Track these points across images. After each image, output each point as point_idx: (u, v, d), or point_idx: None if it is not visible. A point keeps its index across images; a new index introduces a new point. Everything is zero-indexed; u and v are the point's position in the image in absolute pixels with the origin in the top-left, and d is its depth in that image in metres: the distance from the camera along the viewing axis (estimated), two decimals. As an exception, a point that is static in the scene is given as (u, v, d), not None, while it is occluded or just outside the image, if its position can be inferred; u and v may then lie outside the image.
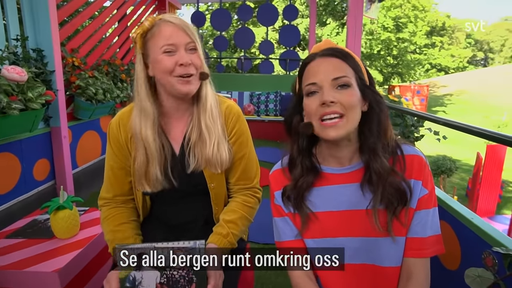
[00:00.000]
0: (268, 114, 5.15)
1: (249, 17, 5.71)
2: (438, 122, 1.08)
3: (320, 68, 0.67)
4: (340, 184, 0.72)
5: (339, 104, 0.64)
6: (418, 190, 0.67)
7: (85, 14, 2.91)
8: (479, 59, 39.34)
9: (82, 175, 2.75)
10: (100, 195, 0.96)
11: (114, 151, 0.91)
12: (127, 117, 0.90)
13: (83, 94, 2.51)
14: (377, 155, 0.67)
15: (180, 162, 0.90)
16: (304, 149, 0.74)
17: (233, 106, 0.94)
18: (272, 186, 0.79)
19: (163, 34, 0.80)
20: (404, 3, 18.88)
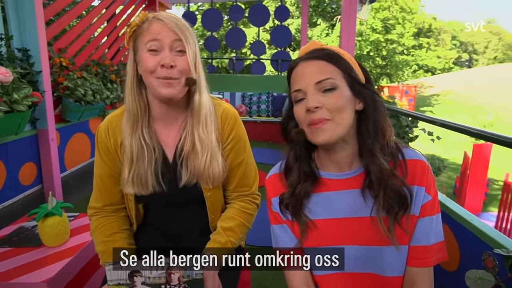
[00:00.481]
0: (260, 115, 5.14)
1: (240, 17, 5.68)
2: (435, 123, 1.08)
3: (304, 73, 0.64)
4: (340, 190, 0.69)
5: (324, 109, 0.62)
6: (421, 196, 0.65)
7: (73, 13, 2.83)
8: (464, 60, 40.33)
9: (71, 178, 2.68)
10: (90, 205, 0.92)
11: (103, 158, 0.86)
12: (116, 120, 0.86)
13: (72, 95, 2.44)
14: (375, 156, 0.64)
15: (173, 171, 0.86)
16: (302, 155, 0.71)
17: (229, 109, 0.90)
18: (269, 192, 0.76)
19: (150, 30, 0.76)
20: (392, 5, 19.18)
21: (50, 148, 2.26)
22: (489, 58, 40.15)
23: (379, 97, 0.66)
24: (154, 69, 0.75)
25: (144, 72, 0.77)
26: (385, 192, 0.63)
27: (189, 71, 0.77)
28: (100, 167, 0.87)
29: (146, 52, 0.76)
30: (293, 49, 17.14)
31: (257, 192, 0.96)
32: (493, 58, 39.90)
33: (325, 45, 0.69)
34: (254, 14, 5.50)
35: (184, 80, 0.77)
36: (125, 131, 0.82)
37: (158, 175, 0.84)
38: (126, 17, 3.88)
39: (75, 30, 2.86)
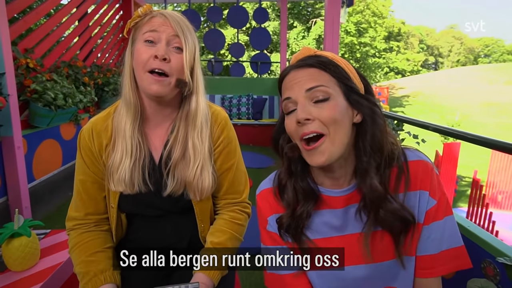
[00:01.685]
0: (241, 118, 5.08)
1: (218, 18, 5.60)
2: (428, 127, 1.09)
3: (294, 81, 0.58)
4: (340, 208, 0.64)
5: (317, 121, 0.55)
6: (425, 201, 0.60)
7: (40, 11, 2.63)
8: (430, 63, 42.58)
9: (40, 189, 2.48)
10: (68, 215, 0.84)
11: (86, 163, 0.81)
12: (101, 123, 0.81)
13: (40, 99, 2.26)
14: (368, 176, 0.58)
15: (159, 174, 0.81)
16: (298, 171, 0.65)
17: (220, 111, 0.86)
18: (263, 209, 0.69)
19: (150, 22, 0.74)
20: (365, 10, 19.87)
21: (16, 156, 2.07)
22: (452, 61, 42.66)
23: (379, 108, 0.61)
24: (147, 61, 0.72)
25: (136, 65, 0.74)
26: (379, 215, 0.59)
27: (183, 72, 0.74)
28: (82, 173, 0.81)
29: (142, 43, 0.73)
30: (269, 51, 17.24)
31: (248, 201, 0.92)
32: (456, 61, 42.46)
33: (319, 52, 0.62)
34: (233, 16, 5.44)
35: (174, 80, 0.73)
36: (124, 124, 0.77)
37: (145, 175, 0.79)
38: (99, 17, 3.68)
39: (43, 29, 2.66)
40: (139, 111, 0.78)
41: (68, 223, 0.84)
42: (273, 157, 4.23)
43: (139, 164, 0.79)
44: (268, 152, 4.52)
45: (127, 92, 0.77)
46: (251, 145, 4.77)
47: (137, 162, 0.78)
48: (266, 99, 5.21)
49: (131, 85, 0.76)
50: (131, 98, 0.77)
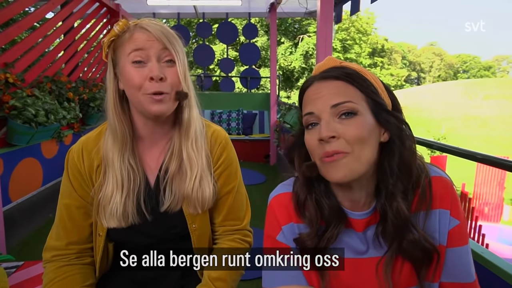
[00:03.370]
0: (231, 133, 5.02)
1: (208, 34, 5.62)
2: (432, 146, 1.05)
3: (318, 94, 0.54)
4: (360, 232, 0.58)
5: (342, 140, 0.50)
6: (446, 221, 0.54)
7: (22, 24, 2.53)
8: (413, 78, 44.11)
9: (17, 212, 2.30)
10: (47, 245, 0.74)
11: (73, 185, 0.73)
12: (93, 142, 0.74)
13: (20, 115, 2.13)
14: (395, 200, 0.53)
15: (155, 197, 0.74)
16: (322, 188, 0.58)
17: (220, 131, 0.81)
18: (279, 215, 0.60)
19: (133, 40, 0.66)
20: (349, 27, 20.55)
21: (-9, 178, 1.92)
22: (434, 76, 44.35)
23: (408, 127, 0.56)
24: (141, 84, 0.65)
25: (129, 88, 0.67)
26: (401, 244, 0.53)
27: (180, 84, 0.69)
28: (68, 196, 0.74)
29: (129, 64, 0.66)
30: (258, 66, 17.45)
31: (249, 228, 0.84)
32: (438, 76, 44.16)
33: (345, 63, 0.57)
34: (223, 32, 5.46)
35: (174, 94, 0.68)
36: (112, 155, 0.70)
37: (140, 204, 0.72)
38: (86, 31, 3.60)
39: (26, 43, 2.55)
40: (128, 138, 0.71)
41: (45, 253, 0.74)
42: (264, 173, 4.15)
43: (133, 194, 0.71)
44: (260, 168, 4.44)
45: (112, 119, 0.70)
46: (241, 160, 4.69)
47: (130, 193, 0.71)
48: (256, 114, 5.18)
49: (115, 111, 0.70)
50: (116, 126, 0.70)
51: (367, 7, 22.44)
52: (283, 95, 18.96)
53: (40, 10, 2.78)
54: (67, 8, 3.14)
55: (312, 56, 18.06)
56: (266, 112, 5.20)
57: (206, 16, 5.39)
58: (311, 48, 17.92)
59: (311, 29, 18.22)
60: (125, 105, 0.72)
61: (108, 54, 0.69)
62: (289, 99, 18.94)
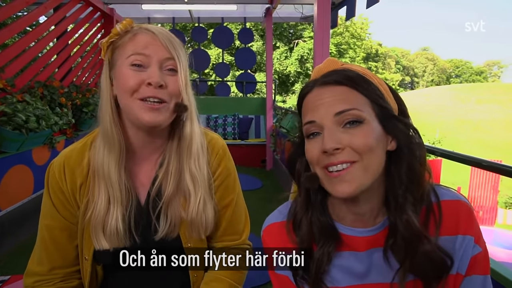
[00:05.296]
0: (227, 138, 4.98)
1: (203, 38, 5.60)
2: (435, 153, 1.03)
3: (320, 101, 0.49)
4: (364, 251, 0.54)
5: (348, 149, 0.47)
6: (470, 248, 0.50)
7: (13, 28, 2.48)
8: (407, 82, 44.61)
9: (7, 220, 2.23)
10: (28, 270, 0.68)
11: (55, 205, 0.66)
12: (76, 157, 0.66)
13: (10, 122, 2.07)
14: (405, 212, 0.49)
15: (146, 218, 0.68)
16: (316, 203, 0.54)
17: (217, 139, 0.75)
18: (270, 246, 0.57)
19: (136, 42, 0.61)
20: (344, 32, 20.75)
21: (-21, 186, 1.86)
22: (427, 81, 44.91)
23: (417, 133, 0.52)
24: (137, 88, 0.59)
25: (123, 93, 0.60)
26: (414, 259, 0.49)
27: (180, 95, 0.63)
28: (50, 217, 0.67)
29: (127, 66, 0.60)
30: (253, 71, 17.48)
31: (248, 242, 0.79)
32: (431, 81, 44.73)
33: (347, 65, 0.53)
34: (218, 36, 5.45)
35: (173, 105, 0.62)
36: (108, 167, 0.63)
37: (131, 224, 0.66)
38: (79, 36, 3.56)
39: (16, 48, 2.49)
40: (124, 148, 0.65)
41: (27, 279, 0.68)
42: (260, 178, 4.11)
43: (126, 212, 0.66)
44: (256, 173, 4.40)
45: (108, 126, 0.63)
46: (237, 165, 4.65)
47: (125, 212, 0.65)
48: (252, 118, 5.16)
49: (113, 118, 0.63)
50: (113, 134, 0.63)
51: (361, 13, 22.74)
52: (279, 100, 19.00)
53: (32, 14, 2.73)
54: (60, 12, 3.09)
55: (307, 61, 18.15)
56: (262, 116, 5.17)
57: (202, 21, 5.37)
58: (306, 52, 18.02)
59: (306, 34, 18.34)
60: (120, 113, 0.66)
61: (106, 55, 0.63)
62: (285, 103, 18.97)
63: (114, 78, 0.63)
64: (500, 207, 8.48)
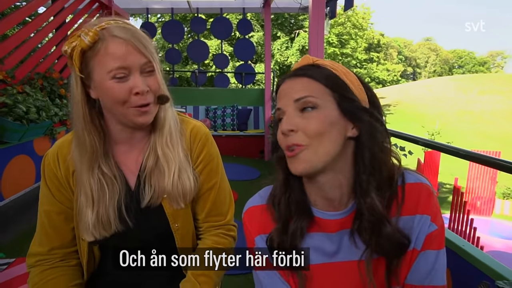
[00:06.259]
0: (226, 129, 5.02)
1: (202, 29, 5.58)
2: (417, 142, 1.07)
3: (285, 91, 0.56)
4: (335, 233, 0.59)
5: (301, 133, 0.53)
6: (426, 226, 0.55)
7: (12, 19, 2.50)
8: (409, 73, 44.24)
9: (10, 209, 2.30)
10: (30, 250, 0.74)
11: (52, 191, 0.72)
12: (68, 146, 0.72)
13: (10, 113, 2.12)
14: (369, 196, 0.54)
15: (136, 197, 0.74)
16: (292, 183, 0.60)
17: (200, 127, 0.80)
18: (250, 229, 0.63)
19: (111, 54, 0.62)
20: (345, 22, 20.49)
21: (-17, 175, 1.92)
22: (429, 72, 44.52)
23: (380, 123, 0.56)
24: (126, 99, 0.64)
25: (112, 104, 0.65)
26: (377, 240, 0.54)
27: (160, 88, 0.69)
28: (47, 203, 0.73)
29: (110, 80, 0.63)
30: (254, 62, 17.37)
31: (233, 223, 0.85)
32: (433, 72, 44.34)
33: (319, 61, 0.58)
34: (217, 27, 5.43)
35: (156, 99, 0.69)
36: (80, 169, 0.69)
37: (121, 210, 0.71)
38: (78, 26, 3.57)
39: (15, 39, 2.52)
40: (98, 149, 0.69)
41: (29, 259, 0.74)
42: (259, 168, 4.17)
43: (113, 202, 0.71)
44: (254, 163, 4.46)
45: (81, 132, 0.67)
46: (236, 156, 4.70)
47: (108, 203, 0.70)
48: (251, 109, 5.18)
49: (84, 124, 0.67)
50: (86, 139, 0.67)
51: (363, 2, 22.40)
52: (279, 91, 18.90)
53: (31, 5, 2.74)
54: (58, 2, 3.10)
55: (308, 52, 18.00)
56: (261, 107, 5.20)
57: (200, 12, 5.35)
58: (307, 43, 17.87)
59: (307, 24, 18.15)
60: (95, 114, 0.69)
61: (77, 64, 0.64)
62: (285, 94, 18.86)
63: (94, 88, 0.66)
64: (498, 197, 8.54)
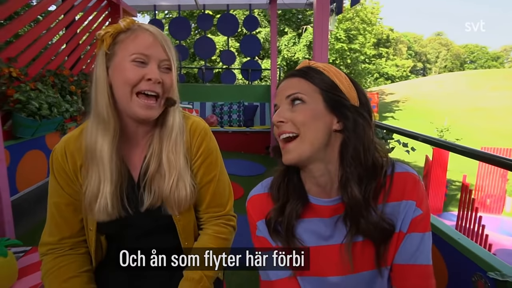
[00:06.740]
0: (232, 125, 5.06)
1: (209, 26, 5.61)
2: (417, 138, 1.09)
3: (281, 89, 0.65)
4: (328, 218, 0.65)
5: (290, 123, 0.61)
6: (411, 211, 0.61)
7: (25, 18, 2.57)
8: (419, 69, 43.49)
9: (24, 201, 2.39)
10: (42, 240, 0.79)
11: (60, 184, 0.77)
12: (75, 142, 0.77)
13: (24, 109, 2.19)
14: (349, 186, 0.59)
15: (138, 193, 0.78)
16: (290, 171, 0.66)
17: (199, 122, 0.84)
18: (252, 215, 0.70)
19: (138, 41, 0.70)
20: (354, 17, 20.22)
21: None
22: (440, 67, 43.66)
23: (363, 119, 0.61)
24: (137, 82, 0.70)
25: (122, 84, 0.70)
26: (360, 225, 0.60)
27: (171, 89, 0.75)
28: (56, 195, 0.77)
29: (129, 62, 0.70)
30: (261, 58, 17.33)
31: (232, 213, 0.90)
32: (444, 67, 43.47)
33: (314, 63, 0.66)
34: (223, 24, 5.45)
35: (164, 100, 0.74)
36: (101, 147, 0.72)
37: (123, 199, 0.76)
38: (87, 24, 3.64)
39: (28, 37, 2.60)
40: (118, 132, 0.74)
41: (41, 248, 0.79)
42: (265, 164, 4.21)
43: (120, 188, 0.75)
44: (260, 159, 4.49)
45: (105, 111, 0.71)
46: (242, 152, 4.74)
47: (118, 188, 0.75)
48: (257, 106, 5.21)
49: (109, 104, 0.72)
50: (110, 118, 0.72)
51: (372, -4, 22.04)
52: (286, 87, 18.82)
53: (43, 3, 2.81)
54: (68, 1, 3.17)
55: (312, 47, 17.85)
56: (267, 104, 5.22)
57: (207, 8, 5.38)
58: (314, 39, 17.70)
59: (314, 19, 17.97)
60: (113, 101, 0.73)
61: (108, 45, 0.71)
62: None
63: (112, 69, 0.71)
64: (509, 195, 8.39)
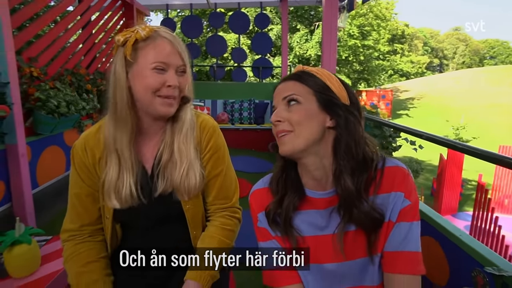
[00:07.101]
0: (243, 123, 5.11)
1: (220, 24, 5.67)
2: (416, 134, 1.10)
3: (277, 92, 0.70)
4: (323, 209, 0.69)
5: (286, 122, 0.66)
6: (400, 201, 0.64)
7: (45, 19, 2.69)
8: (435, 65, 42.34)
9: (44, 195, 2.52)
10: (64, 227, 0.87)
11: (81, 176, 0.84)
12: (93, 138, 0.84)
13: (44, 107, 2.30)
14: (342, 178, 0.64)
15: (151, 184, 0.85)
16: (288, 166, 0.71)
17: (208, 120, 0.91)
18: (254, 207, 0.75)
19: (159, 50, 0.76)
20: (367, 13, 19.85)
21: (20, 164, 2.11)
22: (458, 63, 42.38)
23: (354, 117, 0.66)
24: (159, 88, 0.77)
25: (144, 89, 0.77)
26: (353, 215, 0.64)
27: (185, 89, 0.82)
28: (77, 186, 0.84)
29: (150, 70, 0.76)
30: (273, 55, 17.29)
31: (238, 206, 0.95)
32: (462, 63, 42.17)
33: (308, 68, 0.71)
34: (234, 22, 5.49)
35: (180, 98, 0.82)
36: (121, 140, 0.79)
37: (138, 190, 0.82)
38: (102, 24, 3.75)
39: (47, 38, 2.71)
40: (134, 130, 0.81)
41: (63, 234, 0.87)
42: (272, 161, 4.23)
43: (134, 179, 0.82)
44: (270, 156, 4.53)
45: (124, 111, 0.78)
46: (253, 149, 4.78)
47: (136, 178, 0.82)
48: (268, 103, 5.23)
49: (128, 104, 0.78)
50: (127, 116, 0.78)
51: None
52: (298, 84, 18.71)
53: (61, 5, 2.93)
54: (85, 1, 3.28)
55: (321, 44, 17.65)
56: (277, 101, 5.23)
57: (218, 7, 5.43)
58: (327, 35, 17.49)
59: (327, 15, 17.74)
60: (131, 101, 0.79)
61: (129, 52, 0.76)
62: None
63: (132, 74, 0.77)
64: (528, 195, 8.12)
